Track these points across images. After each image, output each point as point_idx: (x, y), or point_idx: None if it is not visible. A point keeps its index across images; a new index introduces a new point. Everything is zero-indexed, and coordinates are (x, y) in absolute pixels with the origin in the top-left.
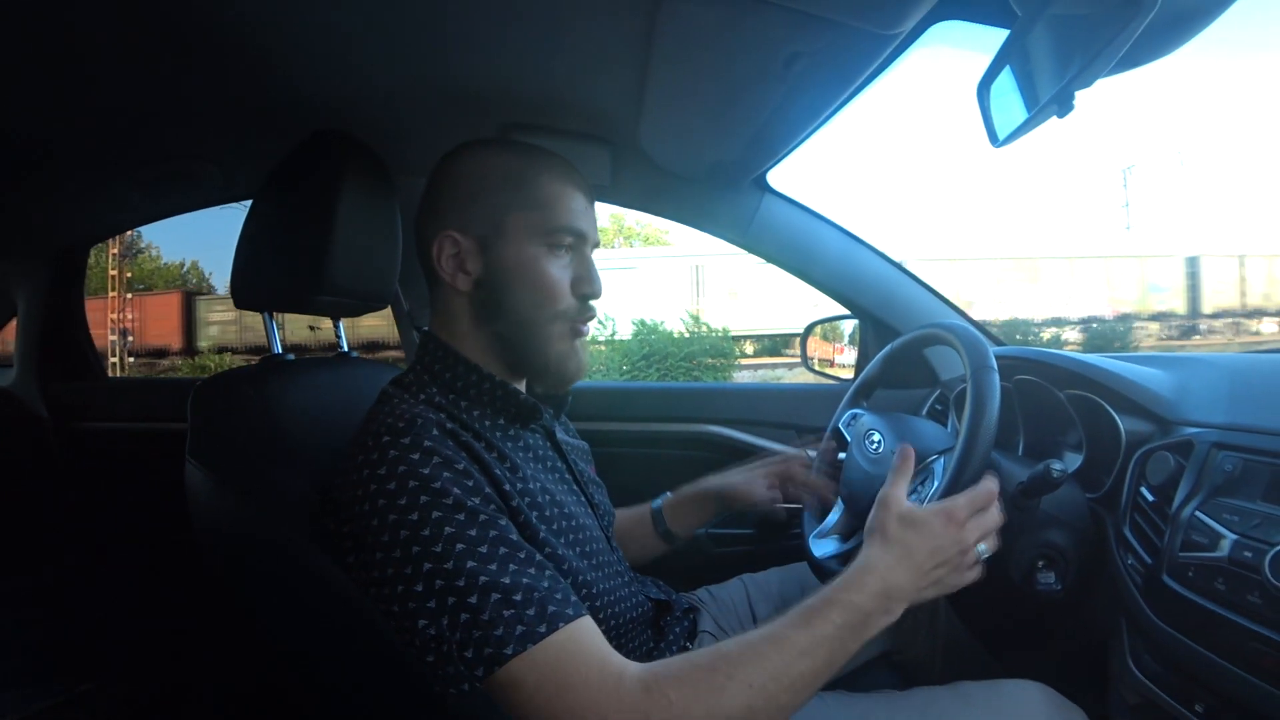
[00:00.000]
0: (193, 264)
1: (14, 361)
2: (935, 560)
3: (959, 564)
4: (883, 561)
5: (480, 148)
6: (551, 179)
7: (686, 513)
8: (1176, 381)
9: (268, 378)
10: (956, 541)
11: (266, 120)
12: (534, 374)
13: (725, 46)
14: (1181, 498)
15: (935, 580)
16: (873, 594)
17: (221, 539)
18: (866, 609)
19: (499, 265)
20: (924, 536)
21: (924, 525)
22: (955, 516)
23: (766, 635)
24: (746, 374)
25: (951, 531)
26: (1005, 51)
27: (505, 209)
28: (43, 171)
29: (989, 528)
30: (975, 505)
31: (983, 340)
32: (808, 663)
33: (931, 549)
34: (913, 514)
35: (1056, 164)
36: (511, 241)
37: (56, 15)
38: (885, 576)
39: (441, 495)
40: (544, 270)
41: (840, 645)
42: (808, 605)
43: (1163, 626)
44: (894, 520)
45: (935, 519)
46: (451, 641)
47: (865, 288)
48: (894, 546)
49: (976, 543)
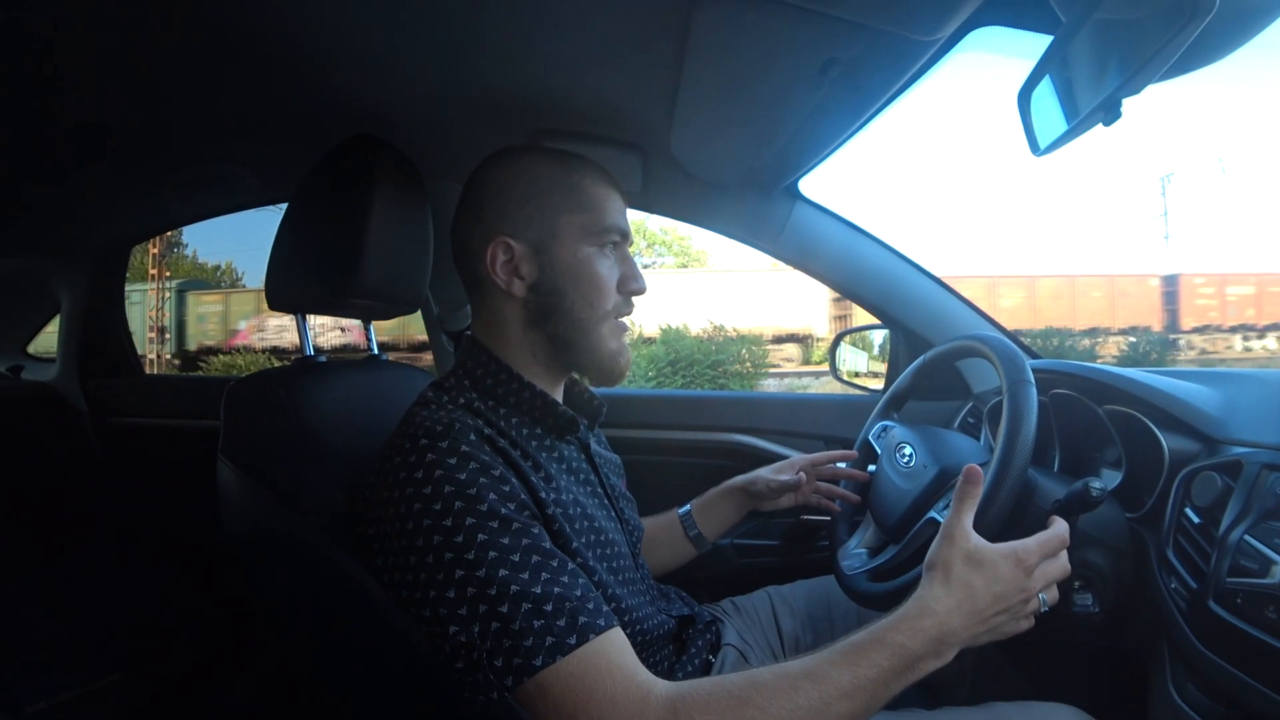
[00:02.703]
0: (227, 265)
1: (56, 357)
2: (997, 607)
3: (1020, 612)
4: (942, 604)
5: (522, 154)
6: (594, 181)
7: (715, 514)
8: (1223, 398)
9: (299, 379)
10: (1022, 589)
11: (301, 125)
12: (585, 371)
13: (760, 52)
14: (1230, 520)
15: (992, 627)
16: (927, 639)
17: (251, 537)
18: (917, 653)
19: (554, 268)
20: (989, 579)
21: (991, 567)
22: (1025, 562)
23: (806, 670)
24: (773, 382)
25: (1019, 577)
26: (1048, 58)
27: (556, 212)
28: (83, 173)
29: (1055, 576)
30: (1046, 551)
31: (1019, 353)
32: (847, 705)
33: (996, 594)
34: (981, 553)
35: (1091, 172)
36: (565, 244)
37: (96, 21)
38: (943, 621)
39: (476, 501)
40: (596, 270)
41: (884, 688)
42: (854, 643)
43: (1208, 655)
44: (959, 558)
45: (1004, 562)
46: (482, 650)
47: (898, 297)
48: (956, 588)
49: (1040, 590)
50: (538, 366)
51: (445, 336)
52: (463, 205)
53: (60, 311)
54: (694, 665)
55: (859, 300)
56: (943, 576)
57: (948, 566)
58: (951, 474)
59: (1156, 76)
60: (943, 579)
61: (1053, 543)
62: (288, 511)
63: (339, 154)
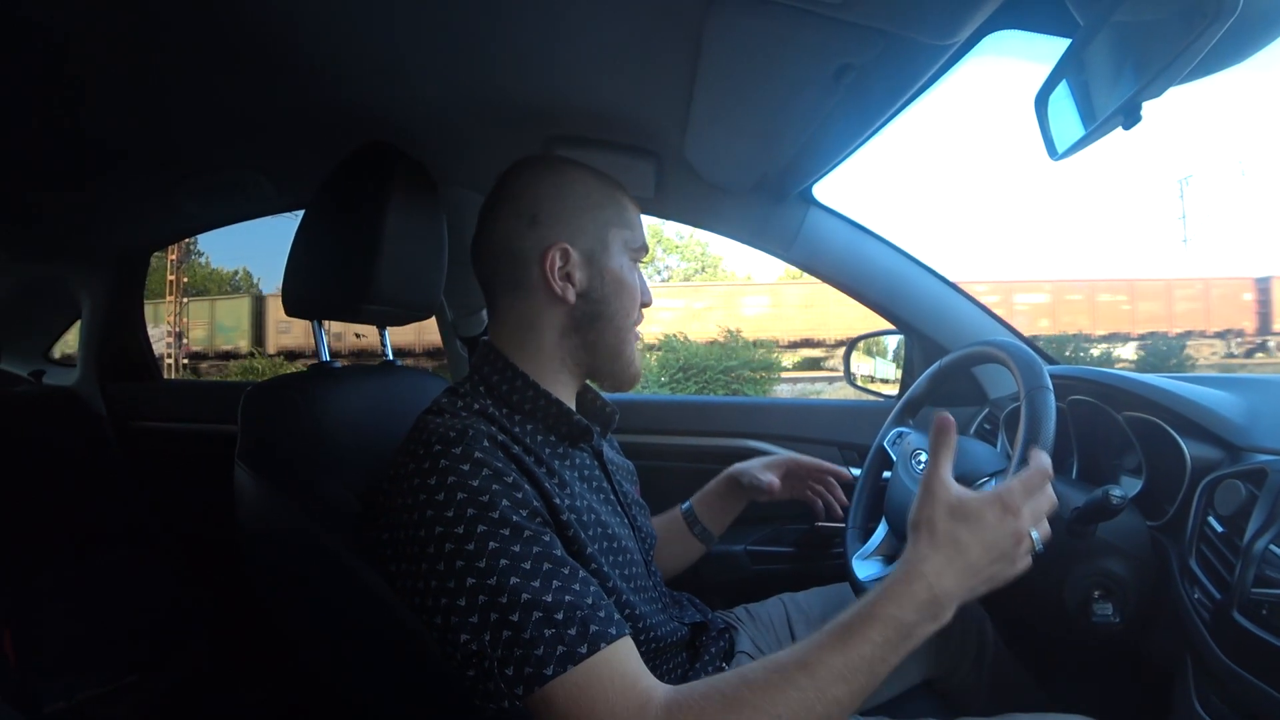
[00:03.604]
0: (243, 271)
1: (77, 362)
2: (990, 555)
3: (1014, 555)
4: (931, 564)
5: (566, 165)
6: (630, 201)
7: (716, 507)
8: (1247, 405)
9: (315, 384)
10: (1012, 532)
11: (317, 132)
12: (608, 377)
13: (773, 58)
14: (1254, 529)
15: (989, 576)
16: (920, 603)
17: (266, 541)
18: (912, 621)
19: (604, 278)
20: (977, 530)
21: (977, 517)
22: (1010, 503)
23: (797, 659)
24: (786, 388)
25: (1008, 521)
26: (1065, 61)
27: (607, 225)
28: (103, 180)
29: (1044, 511)
30: (1030, 487)
31: (1037, 359)
32: (844, 688)
33: (986, 543)
34: (964, 504)
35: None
36: (612, 256)
37: (114, 30)
38: (934, 583)
39: (489, 509)
40: (633, 283)
41: (882, 663)
42: (843, 623)
43: (1233, 667)
44: (943, 513)
45: (989, 508)
46: (493, 658)
47: (912, 303)
48: (943, 545)
49: (1031, 528)
50: (563, 374)
51: (460, 342)
52: (505, 207)
53: (81, 317)
54: (707, 673)
55: (873, 305)
56: (928, 535)
57: (931, 524)
58: (967, 480)
59: (1178, 80)
60: (928, 538)
61: (1035, 477)
62: (303, 515)
63: (354, 161)
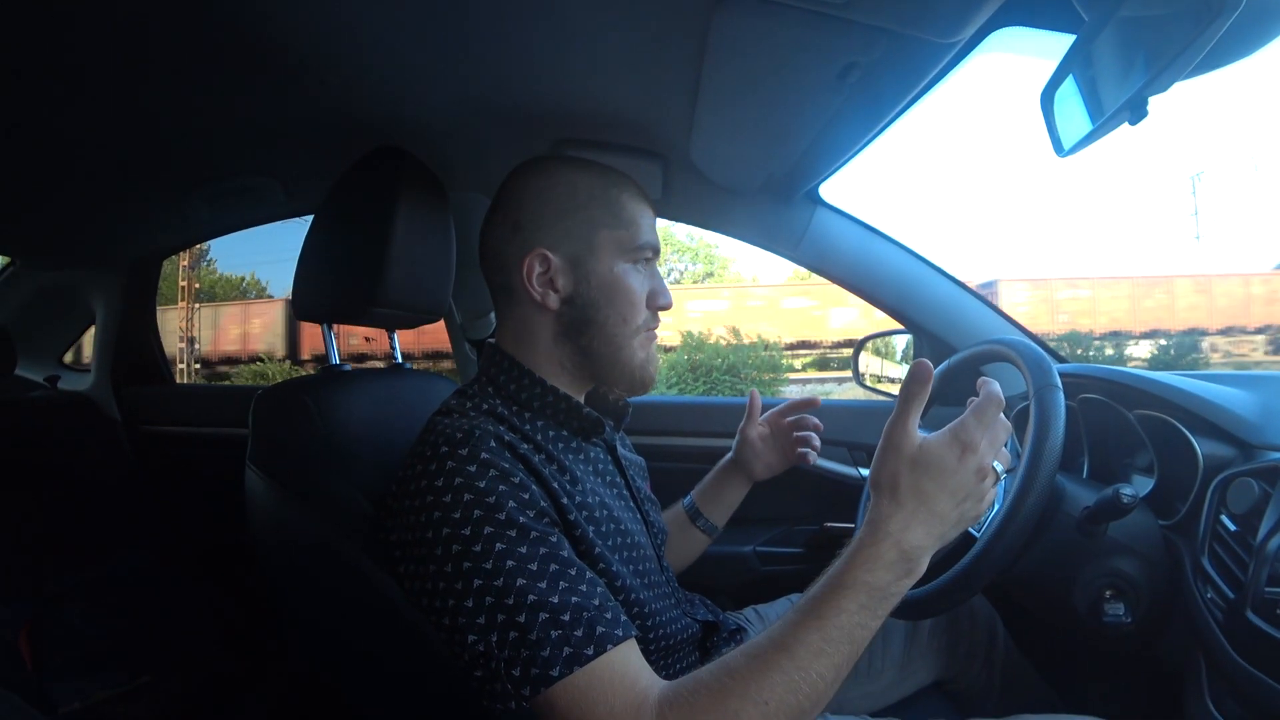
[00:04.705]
0: (252, 276)
1: (91, 367)
2: (956, 499)
3: (980, 493)
4: (895, 522)
5: (559, 165)
6: (630, 197)
7: (717, 497)
8: (1259, 402)
9: (325, 387)
10: (976, 469)
11: (327, 137)
12: (614, 383)
13: (778, 58)
14: (1268, 528)
15: (957, 520)
16: (889, 563)
17: (277, 543)
18: (885, 581)
19: (590, 283)
20: (939, 477)
21: (938, 464)
22: (969, 440)
23: (774, 641)
24: (795, 388)
25: (968, 460)
26: (1070, 57)
27: (595, 227)
28: (117, 187)
29: (1001, 440)
30: (985, 419)
31: (1046, 357)
32: (825, 662)
33: (951, 489)
34: (925, 453)
35: (1118, 170)
36: (602, 260)
37: (126, 37)
38: (901, 539)
39: (495, 510)
40: (630, 286)
41: (861, 629)
42: (814, 596)
43: (1246, 667)
44: (905, 466)
45: (949, 451)
46: (500, 659)
47: (920, 302)
48: (906, 499)
49: (993, 461)
50: (565, 376)
51: (468, 345)
52: (496, 213)
53: (95, 323)
54: None
55: (881, 305)
56: (889, 492)
57: (895, 479)
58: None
59: (1184, 74)
60: (889, 494)
61: (988, 406)
62: (314, 518)
63: (363, 166)
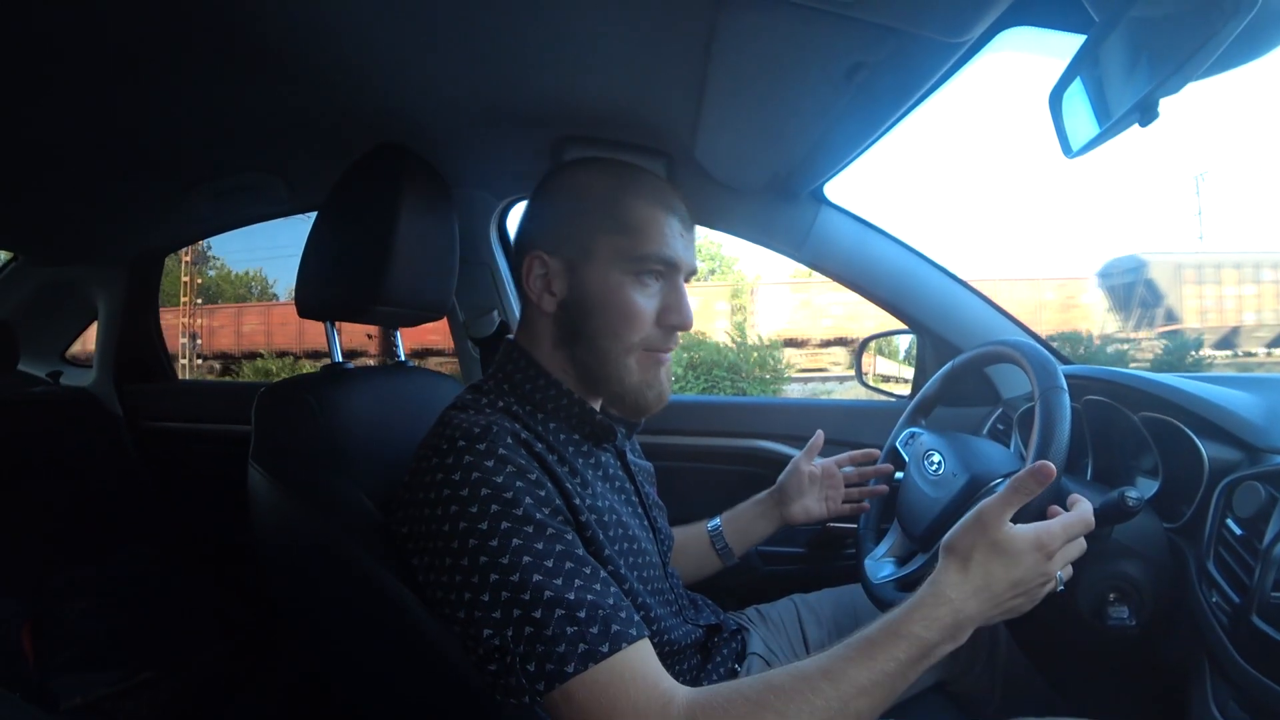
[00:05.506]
0: (257, 272)
1: (94, 364)
2: (1015, 591)
3: (1036, 594)
4: (958, 591)
5: (579, 166)
6: (644, 203)
7: (745, 528)
8: (1266, 405)
9: (328, 385)
10: (1042, 574)
11: (330, 134)
12: (610, 400)
13: (785, 57)
14: (1275, 532)
15: (1007, 609)
16: (943, 626)
17: (279, 541)
18: (934, 641)
19: (582, 290)
20: (1009, 567)
21: (1014, 556)
22: (1048, 547)
23: (822, 668)
24: (796, 387)
25: (1040, 562)
26: (1080, 58)
27: (594, 232)
28: (120, 183)
29: (1073, 557)
30: (1070, 535)
31: (1051, 359)
32: (866, 701)
33: (1015, 580)
34: (1007, 542)
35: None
36: (598, 266)
37: (130, 34)
38: (959, 608)
39: (512, 505)
40: (627, 298)
41: (901, 679)
42: (868, 637)
43: (1251, 672)
44: (984, 545)
45: (1028, 551)
46: (515, 654)
47: (924, 302)
48: (974, 574)
49: (1058, 571)
50: (571, 380)
51: (471, 343)
52: (525, 211)
53: (97, 319)
54: (719, 674)
55: (885, 305)
56: (960, 562)
57: (969, 552)
58: (981, 482)
59: (1196, 76)
60: (960, 564)
61: (1076, 526)
62: (315, 516)
63: (366, 163)
